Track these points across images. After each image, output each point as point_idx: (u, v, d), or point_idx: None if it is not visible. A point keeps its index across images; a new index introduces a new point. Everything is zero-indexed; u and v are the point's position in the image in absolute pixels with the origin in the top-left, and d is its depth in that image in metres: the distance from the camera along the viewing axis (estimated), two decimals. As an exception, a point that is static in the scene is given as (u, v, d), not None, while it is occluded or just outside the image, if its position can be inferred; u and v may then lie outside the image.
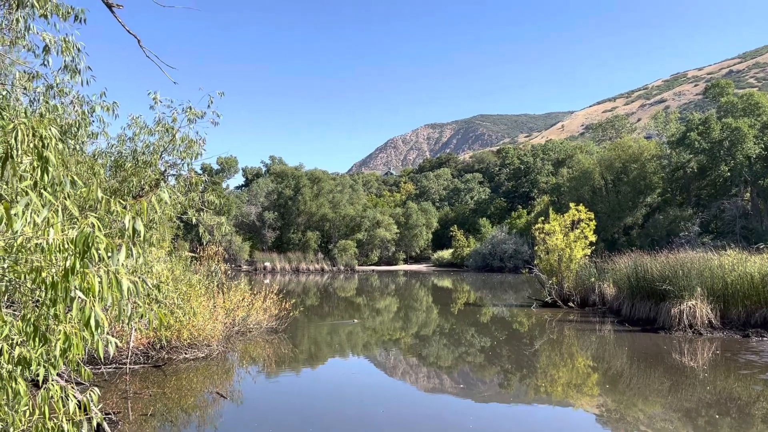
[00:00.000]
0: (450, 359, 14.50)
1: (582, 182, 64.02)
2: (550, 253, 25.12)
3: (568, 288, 24.89)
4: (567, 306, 24.21)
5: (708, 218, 56.20)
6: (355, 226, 72.78)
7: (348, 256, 66.83)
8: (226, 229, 11.68)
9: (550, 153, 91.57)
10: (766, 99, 60.45)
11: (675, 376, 11.87)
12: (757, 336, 16.15)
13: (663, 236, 51.75)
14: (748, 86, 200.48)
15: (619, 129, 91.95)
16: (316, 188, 73.26)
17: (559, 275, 25.05)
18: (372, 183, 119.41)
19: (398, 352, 15.49)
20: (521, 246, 64.09)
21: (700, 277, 17.61)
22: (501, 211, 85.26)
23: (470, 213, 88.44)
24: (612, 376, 12.18)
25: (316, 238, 69.33)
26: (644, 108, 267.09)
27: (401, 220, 78.15)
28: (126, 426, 8.45)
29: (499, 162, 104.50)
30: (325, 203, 72.78)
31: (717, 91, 66.21)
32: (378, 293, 36.13)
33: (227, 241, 59.10)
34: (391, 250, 76.02)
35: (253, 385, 11.23)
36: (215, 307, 14.76)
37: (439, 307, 28.06)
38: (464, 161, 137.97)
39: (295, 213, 71.68)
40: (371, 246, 73.02)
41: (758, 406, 9.57)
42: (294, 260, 64.24)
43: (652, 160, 60.54)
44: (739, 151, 52.77)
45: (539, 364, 13.64)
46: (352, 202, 77.29)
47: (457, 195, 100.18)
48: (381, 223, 73.53)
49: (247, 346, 15.29)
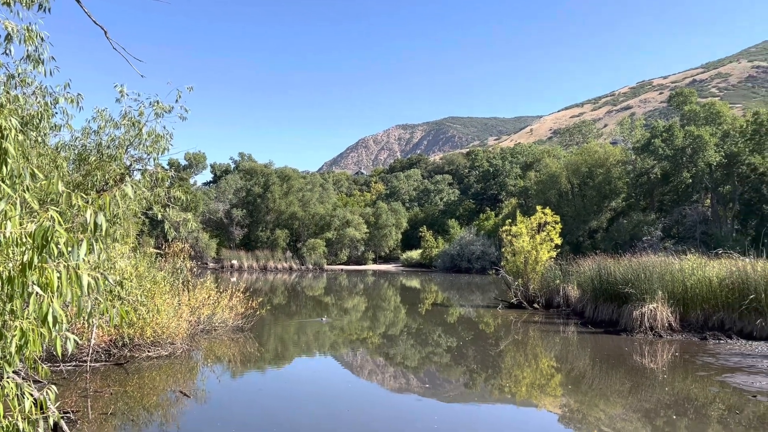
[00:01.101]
0: (417, 359, 14.55)
1: (549, 186, 64.92)
2: (517, 255, 25.41)
3: (534, 290, 25.20)
4: (532, 307, 24.51)
5: (670, 223, 57.48)
6: (324, 225, 72.53)
7: (317, 255, 66.55)
8: (193, 225, 11.51)
9: (519, 156, 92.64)
10: (727, 108, 62.24)
11: (635, 378, 12.10)
12: (714, 339, 16.56)
13: (626, 240, 52.73)
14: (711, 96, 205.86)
15: (586, 134, 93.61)
16: (286, 186, 72.80)
17: (525, 277, 25.34)
18: (342, 182, 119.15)
19: (365, 351, 15.48)
20: (489, 248, 64.69)
21: (662, 281, 17.98)
22: (470, 213, 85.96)
23: (439, 214, 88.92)
24: (575, 376, 12.36)
25: (285, 236, 68.90)
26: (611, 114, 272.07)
27: (371, 219, 78.16)
28: (85, 425, 8.26)
29: (469, 164, 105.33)
30: (294, 201, 72.37)
31: (681, 99, 67.85)
32: (346, 293, 36.06)
33: (194, 238, 58.33)
34: (361, 249, 75.98)
35: (217, 384, 11.09)
36: (180, 304, 14.55)
37: (407, 307, 28.13)
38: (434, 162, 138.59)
39: (264, 211, 71.12)
40: (340, 245, 72.87)
41: (714, 407, 9.81)
42: (262, 258, 63.72)
43: (618, 166, 61.70)
44: (701, 158, 54.12)
45: (504, 365, 13.77)
46: (322, 200, 77.01)
47: (426, 196, 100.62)
48: (351, 222, 73.43)
49: (212, 344, 15.10)
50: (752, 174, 53.39)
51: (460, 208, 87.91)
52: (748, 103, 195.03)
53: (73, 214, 4.66)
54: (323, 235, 70.52)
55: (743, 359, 13.79)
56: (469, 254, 66.22)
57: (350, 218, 73.76)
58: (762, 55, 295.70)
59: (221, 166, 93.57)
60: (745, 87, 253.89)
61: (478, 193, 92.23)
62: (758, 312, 16.76)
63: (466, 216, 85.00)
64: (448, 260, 68.12)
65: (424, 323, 21.50)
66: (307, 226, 72.41)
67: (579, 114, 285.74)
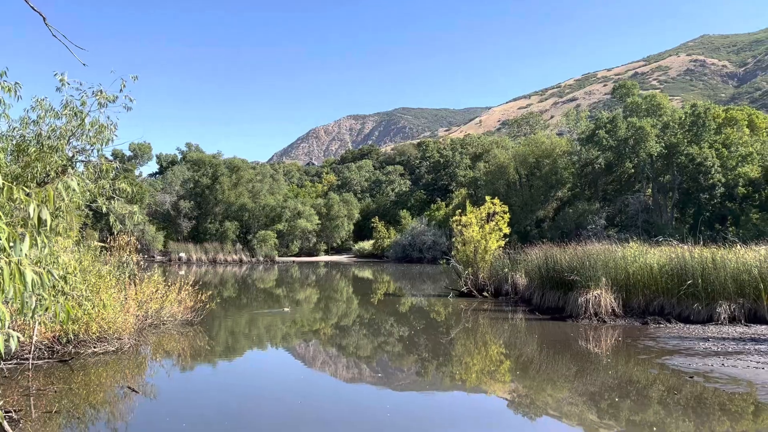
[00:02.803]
0: (369, 349, 14.65)
1: (498, 176, 66.04)
2: (467, 245, 25.79)
3: (483, 278, 25.65)
4: (482, 296, 24.95)
5: (613, 212, 59.32)
6: (275, 217, 71.88)
7: (268, 247, 65.90)
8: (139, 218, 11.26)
9: (468, 147, 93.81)
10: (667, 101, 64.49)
11: (581, 362, 12.51)
12: (654, 323, 17.24)
13: (572, 229, 54.20)
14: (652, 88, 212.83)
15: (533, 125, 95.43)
16: (235, 177, 71.75)
17: (474, 266, 25.76)
18: (293, 173, 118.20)
19: (318, 342, 15.49)
20: (440, 237, 65.43)
21: (605, 268, 18.56)
22: (421, 203, 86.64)
23: (391, 205, 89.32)
24: (523, 362, 12.69)
25: (235, 228, 67.97)
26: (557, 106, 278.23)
27: (323, 211, 77.86)
28: (28, 424, 8.01)
29: (420, 155, 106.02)
30: (244, 193, 71.41)
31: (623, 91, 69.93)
32: (298, 284, 35.90)
33: (140, 231, 56.90)
34: (312, 240, 75.64)
35: (167, 379, 10.92)
36: (127, 299, 14.22)
37: (360, 297, 28.23)
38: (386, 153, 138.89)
39: (213, 202, 69.95)
40: (292, 237, 72.37)
41: (654, 389, 10.25)
42: (211, 251, 62.69)
43: (564, 156, 63.22)
44: (643, 149, 55.98)
45: (455, 352, 14.01)
46: (273, 192, 76.26)
47: (378, 187, 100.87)
48: (302, 213, 72.99)
49: (160, 339, 14.83)
50: (690, 164, 55.57)
51: (411, 199, 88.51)
52: (687, 96, 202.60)
53: (13, 207, 4.51)
54: (274, 227, 69.88)
55: (681, 342, 14.42)
56: (421, 244, 66.82)
57: (301, 209, 73.31)
58: (699, 49, 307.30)
59: (167, 156, 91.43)
60: (683, 80, 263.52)
61: (429, 184, 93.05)
62: (695, 297, 17.52)
63: (417, 206, 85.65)
64: (400, 250, 68.59)
65: (377, 313, 21.63)
66: (258, 218, 71.63)
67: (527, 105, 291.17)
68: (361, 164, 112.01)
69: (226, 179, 70.23)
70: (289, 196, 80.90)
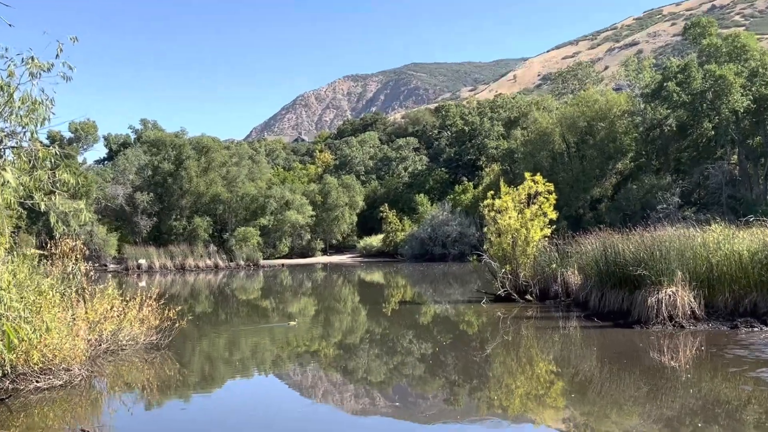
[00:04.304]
0: (383, 372, 14.71)
1: (539, 146, 65.80)
2: (503, 236, 25.76)
3: (525, 277, 25.64)
4: (524, 299, 24.95)
5: (690, 187, 58.97)
6: (257, 209, 72.00)
7: (249, 248, 66.07)
8: (86, 216, 11.32)
9: (501, 111, 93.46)
10: (755, 41, 63.73)
11: (654, 380, 12.50)
12: (746, 326, 17.18)
13: (637, 210, 53.93)
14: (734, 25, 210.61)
15: (582, 79, 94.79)
16: (205, 160, 71.88)
17: (513, 262, 25.73)
18: (278, 152, 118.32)
19: (317, 366, 15.57)
20: (467, 227, 65.35)
21: (681, 259, 18.48)
22: (442, 185, 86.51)
23: (404, 188, 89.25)
24: (580, 382, 12.70)
25: (207, 225, 68.18)
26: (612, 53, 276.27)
27: (317, 199, 77.92)
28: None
29: (439, 123, 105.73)
30: (217, 180, 71.54)
31: (697, 31, 69.16)
32: (290, 293, 36.04)
33: (87, 233, 57.24)
34: (306, 237, 75.78)
35: (129, 418, 11.02)
36: (75, 319, 14.34)
37: (368, 307, 28.31)
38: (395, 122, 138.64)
39: (178, 193, 70.15)
40: (279, 233, 72.54)
41: (749, 410, 10.23)
42: (178, 255, 62.93)
43: (623, 117, 62.85)
44: (725, 104, 55.44)
45: (492, 372, 14.05)
46: (253, 177, 76.35)
47: (387, 165, 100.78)
48: (291, 203, 73.07)
49: (119, 368, 14.97)
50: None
51: (429, 180, 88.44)
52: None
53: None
54: (256, 222, 70.04)
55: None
56: (444, 237, 66.82)
57: (290, 198, 73.40)
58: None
59: (118, 138, 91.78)
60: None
61: (452, 160, 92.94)
62: (798, 291, 17.42)
63: (437, 189, 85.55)
64: (418, 246, 68.60)
65: (391, 327, 21.70)
66: (235, 211, 71.78)
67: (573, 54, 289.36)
68: (364, 138, 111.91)
69: (193, 163, 70.39)
70: (274, 182, 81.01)
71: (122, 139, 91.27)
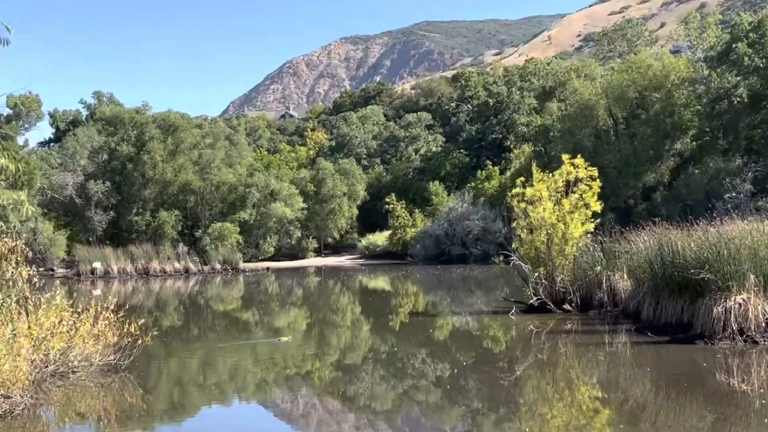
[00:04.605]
0: (390, 399, 14.70)
1: (580, 122, 65.58)
2: (535, 232, 25.65)
3: (563, 283, 25.52)
4: (561, 310, 24.84)
5: (765, 171, 58.69)
6: (236, 201, 72.08)
7: (227, 248, 66.12)
8: (28, 210, 11.35)
9: (533, 79, 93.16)
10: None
11: (721, 407, 12.46)
12: (834, 341, 17.11)
13: (700, 200, 53.67)
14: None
15: (632, 40, 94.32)
16: (172, 142, 71.98)
17: (548, 264, 25.64)
18: (261, 131, 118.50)
19: (310, 392, 15.57)
20: (492, 222, 65.21)
21: (754, 259, 18.34)
22: (461, 171, 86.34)
23: (415, 174, 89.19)
24: (630, 411, 12.67)
25: (175, 221, 68.30)
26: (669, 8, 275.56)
27: (309, 188, 77.97)
28: None
29: (457, 94, 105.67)
30: (187, 165, 71.60)
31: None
32: (276, 303, 36.06)
33: (30, 231, 57.39)
34: (296, 235, 75.84)
35: (83, 456, 11.04)
36: (15, 335, 14.36)
37: (372, 320, 28.33)
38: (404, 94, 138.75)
39: (140, 182, 70.27)
40: (264, 231, 72.60)
41: (836, 443, 10.20)
42: (140, 257, 62.94)
43: (683, 87, 62.52)
44: (808, 70, 55.13)
45: (523, 399, 14.02)
46: (231, 162, 76.38)
47: (394, 147, 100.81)
48: (278, 193, 73.12)
49: (70, 394, 14.99)
50: None
51: (446, 164, 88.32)
52: None
53: None
54: (235, 217, 70.10)
55: None
56: (463, 234, 66.71)
57: (277, 187, 73.44)
58: None
59: (66, 114, 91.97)
60: None
61: (473, 140, 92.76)
62: None
63: (456, 175, 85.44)
64: (432, 245, 68.53)
65: (399, 344, 21.68)
66: (210, 204, 71.87)
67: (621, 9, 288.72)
68: (366, 113, 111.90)
69: (158, 145, 70.47)
70: (257, 167, 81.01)
71: (72, 116, 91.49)
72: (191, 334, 25.65)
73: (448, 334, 23.28)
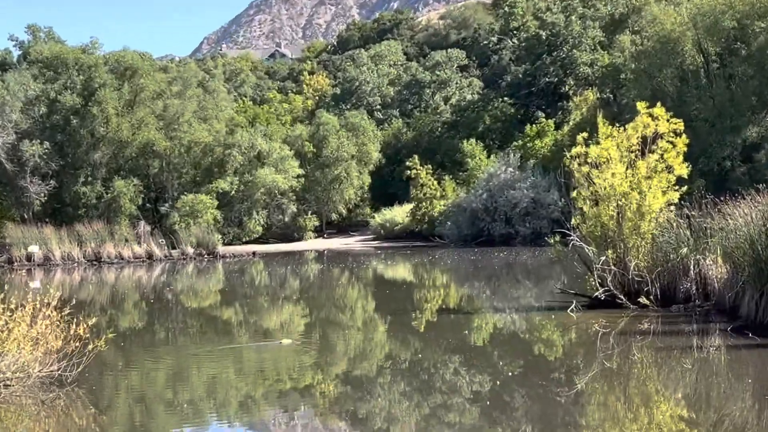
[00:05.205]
0: (413, 421, 14.74)
1: (661, 61, 65.13)
2: (602, 204, 25.56)
3: (638, 269, 25.39)
4: (636, 304, 24.76)
5: None
6: (213, 166, 72.11)
7: (202, 228, 66.07)
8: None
9: (598, 4, 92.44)
10: None
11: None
12: None
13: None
14: None
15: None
16: (130, 90, 71.91)
17: (619, 246, 25.57)
18: (244, 75, 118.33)
19: (310, 411, 15.63)
20: (545, 192, 64.99)
21: None
22: (505, 125, 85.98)
23: (445, 131, 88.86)
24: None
25: (135, 192, 68.29)
26: None
27: (307, 149, 77.88)
28: None
29: (499, 26, 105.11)
30: (149, 120, 71.44)
31: None
32: (266, 298, 36.14)
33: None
34: (290, 211, 75.74)
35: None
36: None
37: (390, 320, 28.37)
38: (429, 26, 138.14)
39: (88, 142, 70.23)
40: (248, 205, 72.54)
41: None
42: (90, 239, 63.12)
43: (796, 13, 62.00)
44: None
45: (586, 420, 14.08)
46: (206, 115, 76.24)
47: (417, 95, 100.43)
48: (267, 156, 73.05)
49: (2, 414, 15.14)
50: None
51: (485, 116, 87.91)
52: None
53: None
54: (212, 187, 70.02)
55: None
56: (508, 208, 66.47)
57: (265, 149, 73.36)
58: None
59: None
60: None
61: (521, 84, 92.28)
62: None
63: (497, 132, 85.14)
64: (467, 222, 68.36)
65: (425, 350, 21.73)
66: (179, 170, 71.92)
67: None
68: (381, 51, 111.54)
69: (111, 95, 70.23)
70: (239, 122, 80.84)
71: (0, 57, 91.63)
72: (157, 337, 25.77)
73: (488, 337, 23.33)
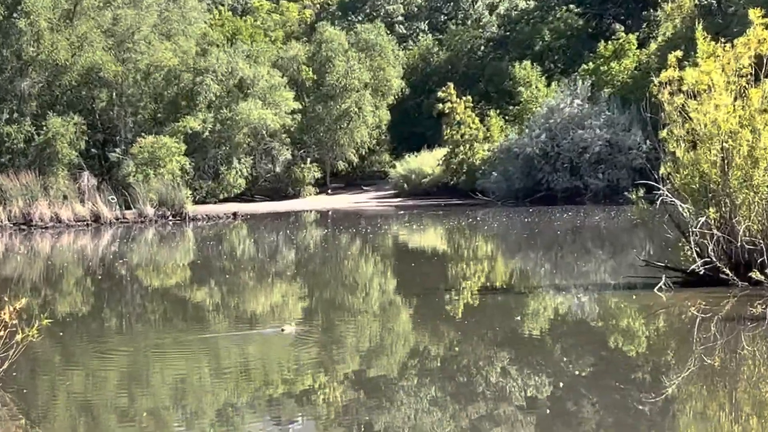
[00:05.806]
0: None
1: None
2: (702, 147, 25.44)
3: (751, 234, 25.31)
4: (747, 281, 24.70)
5: None
6: (180, 98, 72.29)
7: (165, 182, 66.15)
8: None
9: None
10: None
11: None
12: None
13: None
14: None
15: None
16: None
17: (725, 203, 25.46)
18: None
19: (311, 423, 15.60)
20: (624, 132, 64.90)
21: None
22: (570, 42, 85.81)
23: (489, 50, 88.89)
24: None
25: (76, 133, 68.52)
26: None
27: (305, 75, 77.93)
28: None
29: None
30: (94, 37, 71.62)
31: None
32: (251, 275, 36.24)
33: None
34: (283, 158, 75.80)
35: None
36: None
37: (415, 302, 28.31)
38: None
39: (13, 67, 70.60)
40: (227, 150, 72.68)
41: None
42: (17, 196, 63.45)
43: None
44: None
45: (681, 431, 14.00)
46: (170, 31, 76.33)
47: (452, 1, 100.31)
48: (251, 85, 73.16)
49: None
50: None
51: (544, 31, 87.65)
52: None
53: None
54: (179, 126, 70.12)
55: None
56: (573, 153, 66.40)
57: (249, 75, 73.43)
58: None
59: None
60: None
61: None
62: None
63: (559, 53, 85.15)
64: (519, 173, 68.37)
65: (464, 342, 21.67)
66: (134, 104, 72.15)
67: None
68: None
69: (43, 3, 70.51)
70: (215, 40, 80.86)
71: None
72: (106, 325, 25.76)
73: (547, 326, 23.25)
